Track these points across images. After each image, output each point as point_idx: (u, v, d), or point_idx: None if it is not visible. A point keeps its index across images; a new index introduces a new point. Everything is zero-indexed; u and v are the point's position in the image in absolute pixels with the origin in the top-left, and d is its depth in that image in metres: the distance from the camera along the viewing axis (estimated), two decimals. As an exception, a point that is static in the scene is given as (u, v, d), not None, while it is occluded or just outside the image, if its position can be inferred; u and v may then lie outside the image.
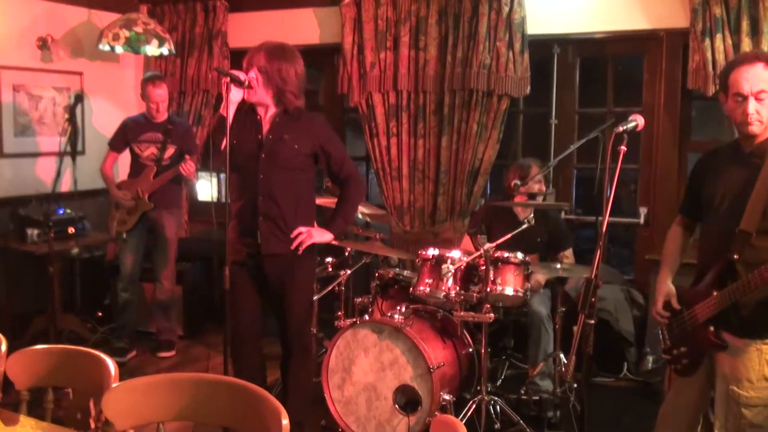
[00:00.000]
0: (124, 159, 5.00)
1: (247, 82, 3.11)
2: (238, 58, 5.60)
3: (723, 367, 2.59)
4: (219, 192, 6.17)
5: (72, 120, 4.28)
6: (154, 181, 4.77)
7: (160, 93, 4.79)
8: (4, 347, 2.33)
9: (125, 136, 4.85)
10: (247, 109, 3.30)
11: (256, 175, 3.25)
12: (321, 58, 5.51)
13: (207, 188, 6.36)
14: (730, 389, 2.55)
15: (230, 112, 3.07)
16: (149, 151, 4.83)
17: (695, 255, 2.77)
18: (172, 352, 4.97)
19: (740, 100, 2.53)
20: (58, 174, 4.27)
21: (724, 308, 2.51)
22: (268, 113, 3.30)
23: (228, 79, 3.05)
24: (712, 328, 2.58)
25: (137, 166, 4.87)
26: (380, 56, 4.95)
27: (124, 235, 4.82)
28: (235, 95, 3.12)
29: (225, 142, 3.05)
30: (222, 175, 5.95)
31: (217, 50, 5.57)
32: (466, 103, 4.73)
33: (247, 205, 3.29)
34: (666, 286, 2.77)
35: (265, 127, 3.29)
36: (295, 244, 3.28)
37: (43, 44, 5.30)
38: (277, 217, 3.28)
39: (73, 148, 4.45)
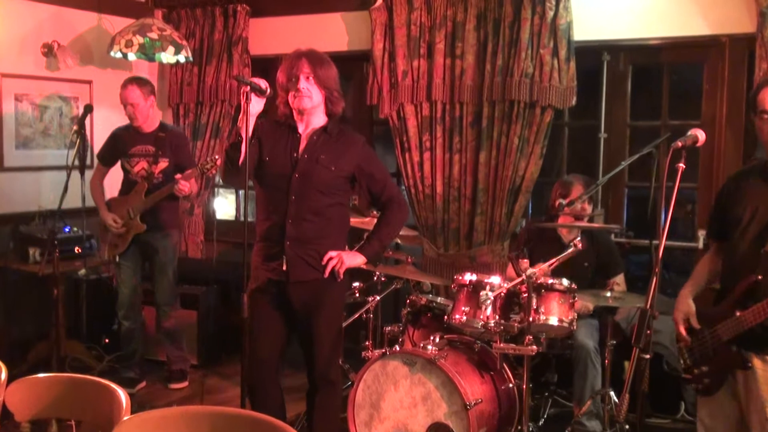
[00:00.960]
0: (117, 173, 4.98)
1: (269, 92, 3.13)
2: (259, 65, 5.69)
3: (750, 387, 2.72)
4: (238, 210, 6.24)
5: (81, 132, 4.33)
6: (146, 200, 4.69)
7: (126, 94, 4.69)
8: (3, 375, 2.34)
9: (114, 149, 4.82)
10: (283, 123, 3.32)
11: (287, 196, 3.27)
12: (348, 67, 5.53)
13: (225, 206, 6.41)
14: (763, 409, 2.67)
15: (249, 123, 3.10)
16: (140, 166, 4.76)
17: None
18: (185, 383, 4.97)
19: (766, 119, 2.64)
20: (65, 189, 4.31)
21: (748, 328, 2.67)
22: (306, 129, 3.32)
23: (248, 87, 3.07)
24: (735, 348, 2.74)
25: (128, 182, 4.82)
26: (413, 64, 4.97)
27: (117, 259, 4.80)
28: (256, 106, 3.14)
29: (242, 158, 3.08)
30: (241, 193, 6.09)
31: (237, 57, 5.63)
32: (507, 115, 4.72)
33: (275, 227, 3.30)
34: (686, 305, 2.95)
35: (302, 145, 3.31)
36: (328, 271, 3.30)
37: (49, 51, 5.39)
38: (306, 242, 3.29)
39: (82, 162, 4.47)
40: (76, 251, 4.91)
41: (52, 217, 4.82)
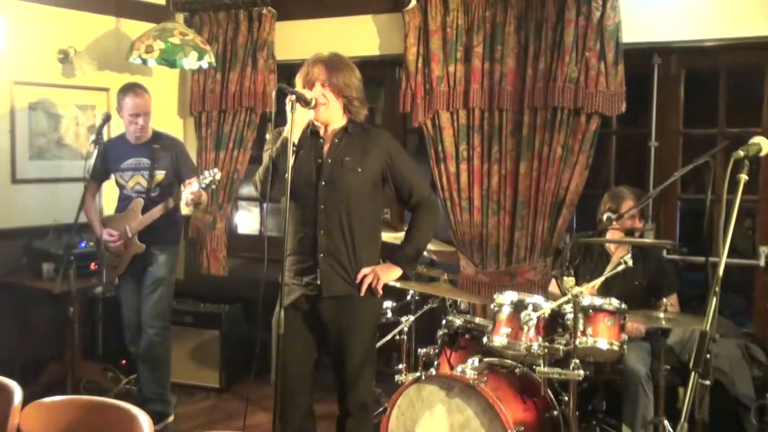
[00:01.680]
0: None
1: (314, 102, 3.16)
2: (285, 71, 5.72)
3: None
4: (262, 224, 6.26)
5: (98, 142, 4.38)
6: (144, 217, 4.62)
7: (140, 103, 4.60)
8: (18, 397, 2.36)
9: (105, 163, 4.69)
10: (308, 129, 3.34)
11: (316, 205, 3.28)
12: (380, 72, 5.56)
13: (249, 219, 6.44)
14: None
15: (295, 134, 3.12)
16: (134, 181, 4.70)
17: None
18: (160, 426, 4.68)
19: None
20: (82, 202, 4.36)
21: None
22: (327, 132, 3.34)
23: (293, 97, 3.09)
24: None
25: (123, 199, 4.76)
26: (449, 69, 4.97)
27: (116, 281, 4.78)
28: (302, 116, 3.16)
29: (288, 170, 3.09)
30: (265, 205, 6.12)
31: (263, 63, 5.68)
32: (549, 122, 4.70)
33: (306, 240, 3.32)
34: None
35: (326, 149, 3.33)
36: (364, 289, 3.31)
37: (65, 57, 5.47)
38: (339, 254, 3.30)
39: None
40: (92, 267, 4.94)
41: (67, 231, 4.87)
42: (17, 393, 2.35)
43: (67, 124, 5.56)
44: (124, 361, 5.36)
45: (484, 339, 3.73)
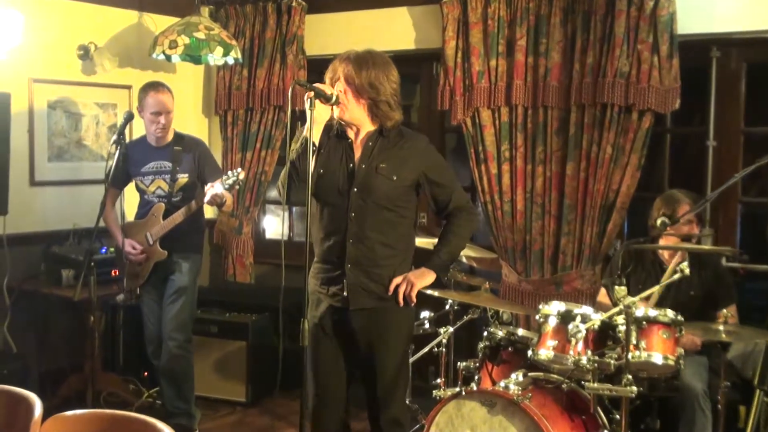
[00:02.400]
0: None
1: (335, 98, 3.16)
2: (316, 67, 5.74)
3: None
4: (292, 229, 6.29)
5: (121, 142, 4.41)
6: (165, 223, 4.65)
7: (162, 100, 4.64)
8: (38, 411, 2.38)
9: (125, 167, 4.69)
10: (336, 131, 3.35)
11: (346, 213, 3.28)
12: (416, 68, 5.55)
13: (276, 224, 6.47)
14: None
15: (315, 133, 3.12)
16: (156, 186, 4.73)
17: None
18: None
19: None
20: (103, 206, 4.41)
21: None
22: (360, 135, 3.34)
23: (312, 93, 3.09)
24: None
25: (144, 204, 4.80)
26: (490, 64, 4.96)
27: (138, 291, 4.81)
28: (322, 113, 3.17)
29: (310, 171, 3.09)
30: (295, 209, 6.15)
31: (292, 58, 5.71)
32: (598, 120, 4.68)
33: (334, 248, 3.32)
34: None
35: (356, 153, 3.33)
36: (400, 298, 3.30)
37: (85, 53, 5.54)
38: (368, 265, 3.30)
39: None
40: (113, 274, 4.99)
41: (88, 236, 4.92)
42: (38, 406, 2.37)
43: (87, 124, 5.63)
44: (146, 373, 5.41)
45: (529, 352, 3.70)
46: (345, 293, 3.30)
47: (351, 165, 3.31)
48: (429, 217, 5.42)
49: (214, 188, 4.45)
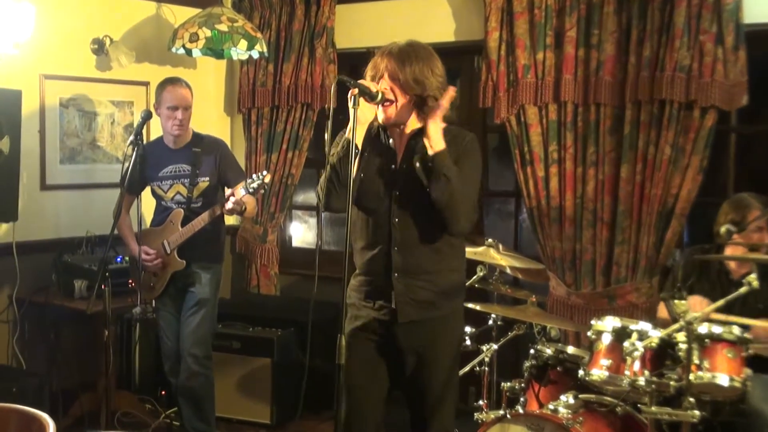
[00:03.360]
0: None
1: (380, 96, 3.15)
2: (347, 61, 5.77)
3: None
4: (320, 237, 6.30)
5: (137, 143, 4.44)
6: (184, 230, 4.67)
7: (180, 94, 4.67)
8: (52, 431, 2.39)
9: (142, 171, 4.69)
10: (375, 131, 3.35)
11: (389, 219, 3.28)
12: (456, 62, 5.54)
13: (304, 231, 6.48)
14: None
15: (358, 135, 3.11)
16: (174, 191, 4.76)
17: None
18: None
19: None
20: (118, 212, 4.44)
21: None
22: (403, 134, 3.32)
23: (356, 91, 3.09)
24: None
25: (162, 211, 4.83)
26: (537, 57, 4.95)
27: (153, 304, 4.83)
28: (366, 113, 3.16)
29: (352, 175, 3.09)
30: (325, 215, 6.15)
31: (321, 52, 5.73)
32: (656, 118, 4.65)
33: (378, 258, 3.32)
34: None
35: (399, 154, 3.32)
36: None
37: (99, 47, 5.59)
38: (418, 274, 3.28)
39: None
40: (129, 285, 5.03)
41: (102, 244, 4.96)
42: (51, 427, 2.39)
43: (101, 123, 5.68)
44: (163, 392, 5.42)
45: (580, 372, 3.66)
46: (393, 305, 3.30)
47: (393, 167, 3.31)
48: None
49: (236, 193, 4.47)
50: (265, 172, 4.47)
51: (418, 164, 3.20)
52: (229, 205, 4.46)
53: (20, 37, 4.90)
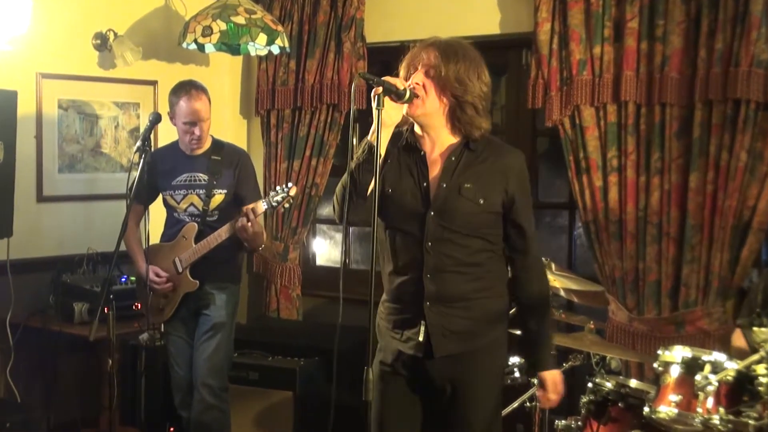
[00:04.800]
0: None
1: (408, 94, 3.14)
2: (378, 57, 5.78)
3: None
4: (344, 253, 6.29)
5: (145, 150, 4.46)
6: (198, 247, 4.70)
7: (198, 107, 4.69)
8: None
9: (153, 179, 4.76)
10: (404, 142, 3.33)
11: (421, 242, 3.26)
12: (501, 57, 5.54)
13: (329, 248, 6.49)
14: None
15: (383, 138, 3.11)
16: (188, 201, 4.79)
17: None
18: None
19: None
20: (124, 226, 4.45)
21: None
22: (435, 147, 3.31)
23: (380, 89, 3.08)
24: None
25: (174, 224, 4.85)
26: (593, 51, 4.94)
27: (162, 328, 4.86)
28: (392, 114, 3.15)
29: (373, 184, 3.08)
30: (353, 230, 6.15)
31: (349, 47, 5.75)
32: (730, 120, 4.62)
33: (408, 284, 3.31)
34: None
35: (433, 169, 3.29)
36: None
37: (102, 43, 5.65)
38: (453, 302, 3.27)
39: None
40: (135, 308, 5.04)
41: (105, 262, 4.98)
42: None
43: (105, 127, 5.74)
44: (172, 429, 5.44)
45: (645, 409, 3.63)
46: (422, 338, 3.28)
47: (425, 184, 3.29)
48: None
49: (256, 208, 4.49)
50: (290, 184, 4.49)
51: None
52: (241, 222, 4.47)
53: (15, 32, 4.96)
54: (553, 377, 3.46)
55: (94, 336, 4.55)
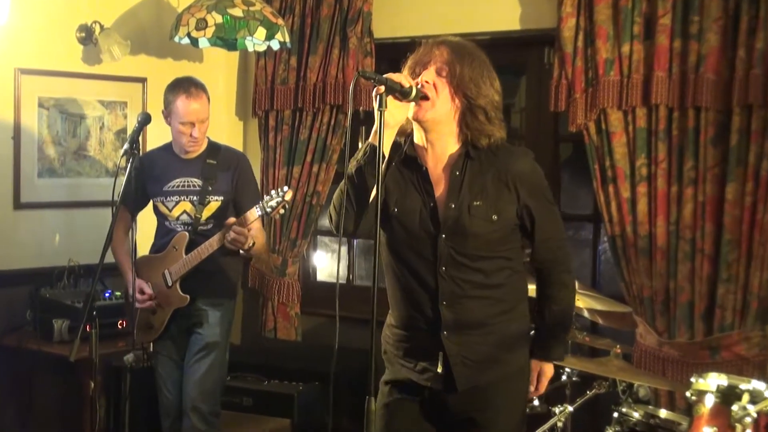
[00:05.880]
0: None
1: (415, 92, 3.12)
2: (385, 54, 5.77)
3: None
4: (350, 269, 6.28)
5: (133, 153, 4.44)
6: (189, 258, 4.70)
7: (196, 108, 4.69)
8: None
9: (142, 184, 4.79)
10: (403, 155, 3.31)
11: (435, 266, 3.25)
12: (521, 56, 5.54)
13: (328, 262, 6.48)
14: None
15: (386, 142, 3.08)
16: (181, 209, 4.79)
17: None
18: None
19: None
20: (110, 236, 4.43)
21: None
22: (439, 160, 3.29)
23: (382, 88, 3.06)
24: None
25: (165, 233, 4.86)
26: (622, 50, 4.94)
27: (152, 348, 4.84)
28: (395, 114, 3.12)
29: (374, 192, 3.07)
30: (357, 242, 6.15)
31: (356, 42, 5.77)
32: (771, 126, 4.63)
33: (422, 312, 3.30)
34: None
35: (438, 187, 3.27)
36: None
37: (87, 36, 5.66)
38: (473, 328, 3.26)
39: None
40: (119, 326, 5.03)
41: (87, 275, 4.97)
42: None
43: (89, 128, 5.74)
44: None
45: (677, 441, 3.65)
46: (441, 369, 3.27)
47: (432, 204, 3.26)
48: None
49: (248, 217, 4.47)
50: (286, 188, 4.47)
51: None
52: (231, 235, 4.46)
53: (-9, 24, 4.96)
54: (541, 369, 3.48)
55: (75, 356, 4.53)
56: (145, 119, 4.55)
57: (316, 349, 5.91)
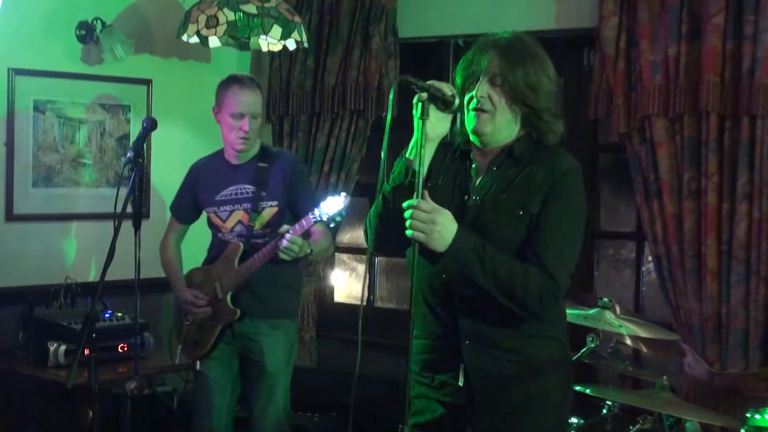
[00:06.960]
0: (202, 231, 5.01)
1: (457, 102, 3.10)
2: (410, 54, 5.76)
3: None
4: (371, 290, 6.27)
5: (137, 161, 4.44)
6: (241, 269, 4.71)
7: (248, 99, 4.74)
8: None
9: (194, 194, 4.90)
10: (457, 150, 3.32)
11: None
12: (558, 57, 5.42)
13: (350, 282, 6.46)
14: None
15: (427, 153, 3.08)
16: (235, 219, 4.81)
17: None
18: None
19: None
20: (111, 252, 4.43)
21: None
22: (488, 155, 3.29)
23: (425, 96, 3.05)
24: None
25: (218, 245, 4.89)
26: (668, 52, 4.93)
27: (198, 367, 4.85)
28: (437, 126, 3.11)
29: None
30: (379, 259, 6.12)
31: (378, 42, 5.77)
32: (836, 136, 4.61)
33: (441, 317, 3.28)
34: None
35: (476, 181, 3.28)
36: None
37: (87, 34, 5.66)
38: (497, 339, 3.23)
39: (137, 208, 4.54)
40: (120, 350, 5.04)
41: (86, 294, 4.96)
42: None
43: (88, 134, 5.74)
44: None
45: (730, 483, 3.63)
46: (461, 383, 3.24)
47: (465, 197, 3.25)
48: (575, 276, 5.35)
49: (302, 224, 4.44)
50: (344, 193, 4.41)
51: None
52: (283, 243, 4.43)
53: (-16, 21, 4.98)
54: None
55: (72, 382, 4.55)
56: (151, 125, 4.57)
57: (334, 377, 5.89)
